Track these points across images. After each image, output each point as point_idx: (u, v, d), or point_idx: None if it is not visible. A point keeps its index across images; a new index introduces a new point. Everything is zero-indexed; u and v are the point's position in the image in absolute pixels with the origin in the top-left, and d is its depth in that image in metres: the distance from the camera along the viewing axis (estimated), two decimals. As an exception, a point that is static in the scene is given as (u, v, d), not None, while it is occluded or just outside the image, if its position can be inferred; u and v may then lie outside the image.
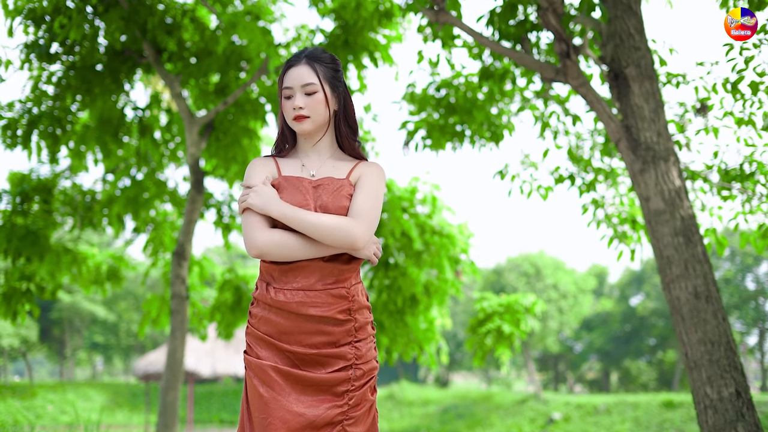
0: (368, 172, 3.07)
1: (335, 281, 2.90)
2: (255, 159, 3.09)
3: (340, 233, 2.83)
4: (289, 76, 3.02)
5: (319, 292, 2.87)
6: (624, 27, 5.69)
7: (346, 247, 2.86)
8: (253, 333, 2.92)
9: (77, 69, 8.86)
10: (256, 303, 2.95)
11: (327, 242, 2.84)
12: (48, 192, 10.12)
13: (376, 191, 3.02)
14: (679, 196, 5.50)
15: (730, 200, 7.29)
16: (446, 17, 6.07)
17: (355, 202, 2.94)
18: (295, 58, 3.05)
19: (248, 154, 9.34)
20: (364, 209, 2.93)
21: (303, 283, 2.87)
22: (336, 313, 2.87)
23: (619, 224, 8.40)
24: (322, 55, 3.06)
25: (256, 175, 2.97)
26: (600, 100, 5.77)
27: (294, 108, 3.00)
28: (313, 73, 3.01)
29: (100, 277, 10.78)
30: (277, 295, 2.86)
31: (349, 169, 3.07)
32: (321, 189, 2.96)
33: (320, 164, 3.07)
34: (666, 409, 24.29)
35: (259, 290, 2.94)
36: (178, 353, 8.54)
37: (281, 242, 2.83)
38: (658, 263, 5.52)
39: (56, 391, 34.79)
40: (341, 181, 2.99)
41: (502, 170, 8.61)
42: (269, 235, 2.83)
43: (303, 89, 2.99)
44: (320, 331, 2.86)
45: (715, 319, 5.27)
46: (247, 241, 2.86)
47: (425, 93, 8.59)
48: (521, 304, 11.09)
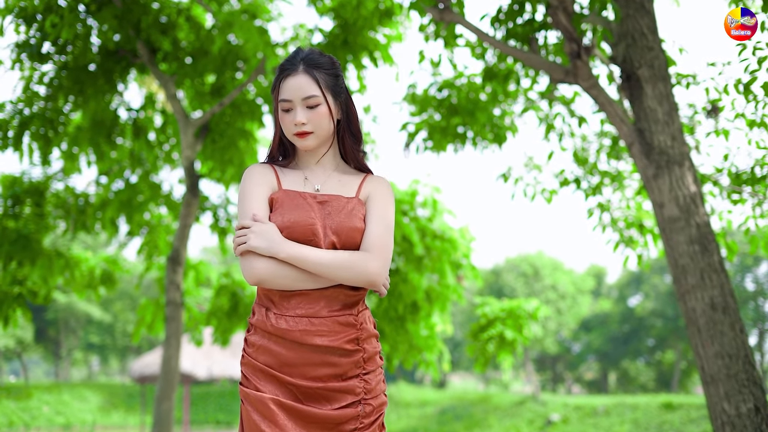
0: (378, 192, 2.83)
1: (342, 308, 2.66)
2: (252, 166, 2.81)
3: (356, 272, 2.61)
4: (288, 88, 2.72)
5: (325, 319, 2.62)
6: (636, 26, 5.46)
7: (362, 284, 2.64)
8: (250, 363, 2.65)
9: (69, 69, 8.66)
10: (254, 330, 2.68)
11: (342, 281, 2.62)
12: (40, 195, 9.92)
13: (388, 217, 2.79)
14: (695, 202, 5.28)
15: (740, 204, 7.13)
16: (452, 16, 5.87)
17: (369, 233, 2.71)
18: (290, 65, 2.73)
19: (245, 156, 9.17)
20: (378, 241, 2.70)
21: (307, 310, 2.62)
22: (343, 342, 2.62)
23: (626, 228, 8.26)
24: (320, 60, 2.76)
25: (255, 187, 2.71)
26: (612, 102, 5.56)
27: (295, 124, 2.73)
28: (314, 84, 2.72)
29: (94, 281, 10.58)
30: (278, 322, 2.61)
31: (356, 184, 2.84)
32: (329, 207, 2.71)
33: (325, 178, 2.82)
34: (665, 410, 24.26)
35: (257, 316, 2.69)
36: (172, 361, 8.34)
37: (283, 272, 2.59)
38: (673, 273, 5.30)
39: (51, 392, 34.72)
40: (352, 201, 2.75)
41: (506, 173, 8.47)
42: (269, 264, 2.59)
43: (304, 102, 2.71)
44: (326, 363, 2.60)
45: (733, 332, 5.06)
46: (246, 269, 2.62)
47: (426, 94, 8.44)
48: (524, 309, 10.89)
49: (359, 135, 2.89)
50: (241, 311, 9.82)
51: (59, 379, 49.23)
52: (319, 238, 2.65)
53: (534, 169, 8.53)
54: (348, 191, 2.80)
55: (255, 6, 8.30)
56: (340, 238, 2.67)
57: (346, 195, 2.78)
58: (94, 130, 9.06)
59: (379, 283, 2.65)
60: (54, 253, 9.91)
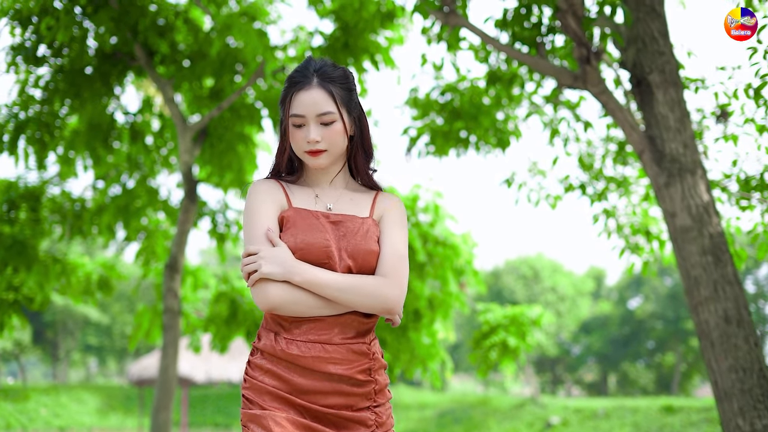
0: (392, 212, 2.69)
1: (355, 335, 2.52)
2: (258, 182, 2.64)
3: (374, 299, 2.48)
4: (301, 102, 2.55)
5: (338, 346, 2.48)
6: (647, 30, 5.31)
7: (379, 312, 2.51)
8: (256, 386, 2.49)
9: (65, 72, 8.52)
10: (261, 354, 2.53)
11: (358, 308, 2.48)
12: (36, 200, 9.77)
13: (403, 239, 2.65)
14: (708, 211, 5.13)
15: (749, 210, 7.00)
16: (457, 20, 5.72)
17: (385, 257, 2.56)
18: (302, 76, 2.57)
19: (243, 161, 9.04)
20: (395, 266, 2.55)
21: (320, 336, 2.48)
22: (356, 372, 2.48)
23: (632, 235, 8.14)
24: (335, 73, 2.59)
25: (262, 205, 2.55)
26: (621, 108, 5.41)
27: (308, 141, 2.55)
28: (330, 99, 2.55)
29: (91, 287, 10.44)
30: (290, 347, 2.46)
31: (368, 203, 2.69)
32: (343, 228, 2.56)
33: (336, 196, 2.67)
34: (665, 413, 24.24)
35: (265, 341, 2.53)
36: (170, 370, 8.19)
37: (299, 298, 2.44)
38: (685, 284, 5.15)
39: (49, 394, 34.65)
40: (366, 222, 2.61)
41: (509, 179, 8.35)
42: (284, 291, 2.43)
43: (318, 119, 2.54)
44: (338, 392, 2.46)
45: (747, 345, 4.90)
46: (259, 297, 2.46)
47: (428, 97, 8.32)
48: (527, 316, 10.74)
49: (371, 152, 2.74)
50: (240, 318, 9.68)
51: (57, 381, 49.18)
52: (335, 261, 2.51)
53: (538, 175, 8.40)
54: (361, 211, 2.66)
55: (254, 8, 8.17)
56: (357, 262, 2.53)
57: (360, 215, 2.64)
58: (91, 134, 8.92)
59: (396, 310, 2.53)
60: (50, 258, 9.77)
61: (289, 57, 8.48)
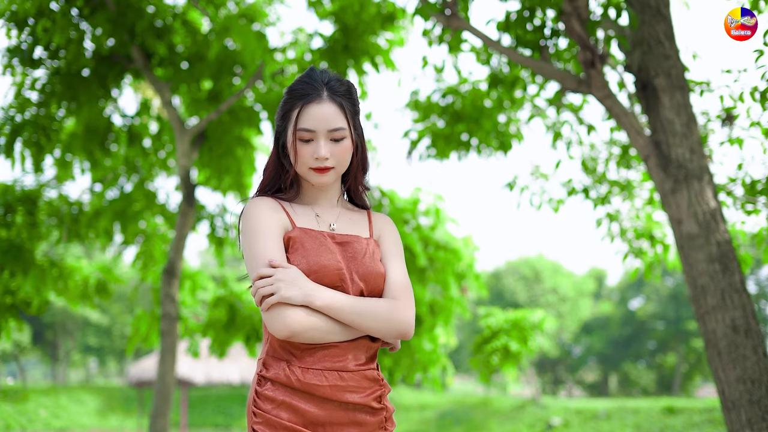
0: (389, 231, 2.62)
1: (366, 361, 2.44)
2: (256, 201, 2.50)
3: (391, 322, 2.39)
4: (312, 116, 2.42)
5: (353, 373, 2.38)
6: (653, 33, 5.20)
7: (394, 335, 2.43)
8: (271, 422, 2.33)
9: (62, 74, 8.42)
10: (272, 385, 2.38)
11: (373, 332, 2.39)
12: (33, 203, 9.66)
13: (403, 261, 2.57)
14: (715, 218, 5.03)
15: (754, 215, 6.92)
16: (459, 23, 5.62)
17: (393, 278, 2.48)
18: (311, 89, 2.44)
19: (242, 164, 8.94)
20: (405, 287, 2.48)
21: (335, 363, 2.37)
22: (371, 399, 2.39)
23: (635, 239, 8.06)
24: (343, 87, 2.48)
25: (265, 226, 2.41)
26: (627, 113, 5.31)
27: (317, 158, 2.43)
28: (342, 114, 2.44)
29: (88, 290, 10.33)
30: (306, 376, 2.34)
31: (365, 223, 2.61)
32: (350, 249, 2.47)
33: (336, 215, 2.57)
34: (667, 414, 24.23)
35: (275, 370, 2.39)
36: (167, 377, 8.09)
37: (317, 324, 2.32)
38: (692, 293, 5.04)
39: (49, 395, 34.61)
40: (369, 242, 2.53)
41: (511, 182, 8.27)
42: (304, 316, 2.31)
43: (329, 134, 2.43)
44: (354, 422, 2.37)
45: (755, 355, 4.80)
46: (277, 323, 2.31)
47: (429, 100, 8.25)
48: (529, 320, 10.63)
49: (367, 168, 2.63)
50: (238, 323, 9.58)
51: (57, 381, 49.15)
52: (347, 285, 2.42)
53: (540, 178, 8.32)
54: (361, 231, 2.58)
55: (253, 10, 8.08)
56: (368, 285, 2.45)
57: (361, 235, 2.56)
58: (88, 137, 8.82)
59: (411, 333, 2.45)
60: (47, 262, 9.67)
61: (289, 59, 8.39)
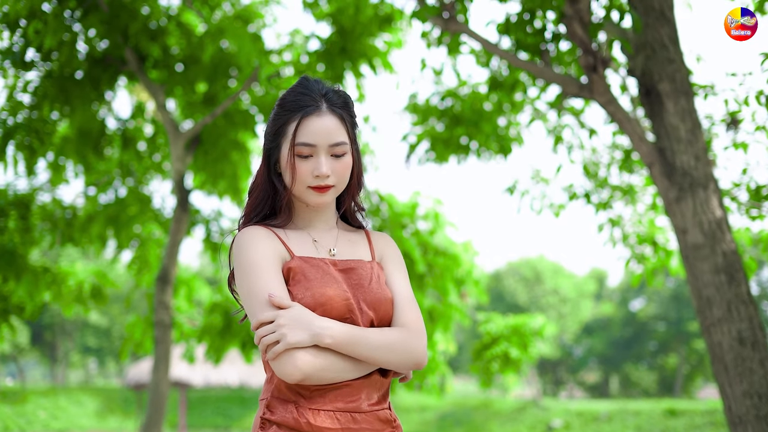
0: (391, 252, 2.42)
1: (379, 400, 2.24)
2: (248, 231, 2.27)
3: (408, 354, 2.20)
4: (312, 130, 2.22)
5: (366, 415, 2.19)
6: (656, 36, 5.05)
7: (410, 367, 2.23)
8: None
9: (55, 77, 8.29)
10: (276, 429, 2.16)
11: (388, 365, 2.19)
12: (26, 207, 9.53)
13: (408, 282, 2.39)
14: (721, 228, 4.88)
15: (759, 220, 6.80)
16: (457, 26, 5.47)
17: (401, 305, 2.28)
18: (309, 99, 2.24)
19: (238, 168, 8.80)
20: (414, 315, 2.28)
21: (347, 403, 2.17)
22: None
23: (638, 244, 7.94)
24: (340, 100, 2.28)
25: (263, 259, 2.20)
26: (630, 119, 5.16)
27: (318, 175, 2.23)
28: (343, 128, 2.25)
29: (83, 295, 10.18)
30: (317, 418, 2.13)
31: (365, 244, 2.41)
32: (355, 276, 2.26)
33: (333, 238, 2.36)
34: (669, 416, 24.17)
35: (280, 413, 2.17)
36: (161, 387, 7.91)
37: (330, 364, 2.11)
38: (697, 304, 4.90)
39: (48, 397, 34.48)
40: (373, 266, 2.33)
41: (512, 186, 8.17)
42: (314, 357, 2.09)
43: (330, 150, 2.24)
44: None
45: (763, 369, 4.65)
46: (287, 369, 2.09)
47: (428, 103, 8.13)
48: (529, 326, 10.49)
49: (362, 187, 2.44)
50: (234, 329, 9.45)
51: (56, 382, 49.09)
52: (356, 315, 2.21)
53: (541, 182, 8.20)
54: (363, 254, 2.38)
55: (248, 11, 7.95)
56: (378, 314, 2.25)
57: (364, 259, 2.36)
58: (81, 141, 8.68)
59: (425, 362, 2.25)
60: (40, 268, 9.53)
61: (285, 61, 8.26)
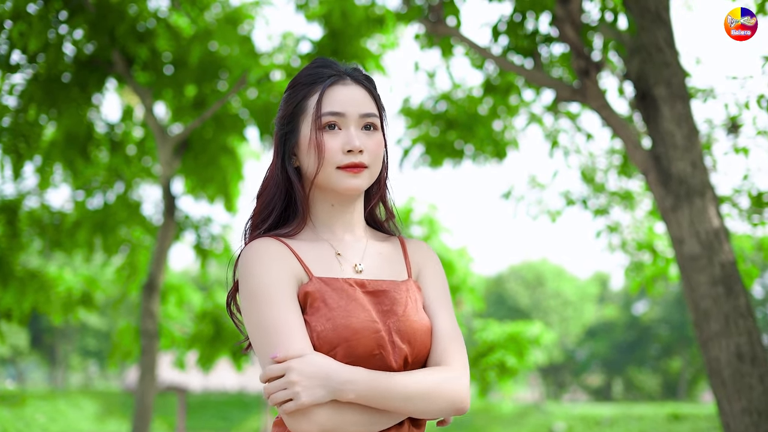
0: (432, 268, 2.01)
1: None
2: (256, 245, 1.88)
3: (445, 402, 1.81)
4: (338, 98, 1.86)
5: None
6: (652, 39, 4.87)
7: (450, 413, 1.84)
8: None
9: (41, 80, 8.11)
10: None
11: (424, 415, 1.82)
12: (13, 213, 9.35)
13: (451, 304, 2.00)
14: (718, 238, 4.69)
15: (760, 226, 6.66)
16: (445, 29, 5.30)
17: (442, 339, 1.88)
18: (330, 71, 1.91)
19: (227, 174, 8.61)
20: (457, 350, 1.87)
21: None
22: None
23: (636, 250, 7.80)
24: (363, 75, 1.95)
25: (275, 288, 1.81)
26: (625, 125, 4.98)
27: (350, 149, 1.85)
28: (373, 101, 1.90)
29: (72, 301, 10.00)
30: None
31: (400, 257, 2.01)
32: (386, 300, 1.87)
33: (361, 250, 1.96)
34: (672, 421, 24.06)
35: None
36: (147, 398, 7.71)
37: (352, 419, 1.77)
38: (694, 317, 4.71)
39: (47, 400, 34.34)
40: (409, 286, 1.93)
41: (508, 192, 8.04)
42: (334, 413, 1.75)
43: (362, 120, 1.88)
44: None
45: (762, 385, 4.46)
46: (303, 425, 1.76)
47: (422, 107, 7.99)
48: (526, 333, 10.27)
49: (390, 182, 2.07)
50: (224, 337, 9.28)
51: (56, 385, 49.02)
52: (387, 352, 1.84)
53: (537, 188, 8.07)
54: (396, 269, 1.97)
55: (238, 13, 7.78)
56: (413, 348, 1.87)
57: (398, 277, 1.96)
58: (68, 145, 8.49)
59: (468, 406, 1.86)
60: (27, 274, 9.35)
61: (275, 64, 8.09)
